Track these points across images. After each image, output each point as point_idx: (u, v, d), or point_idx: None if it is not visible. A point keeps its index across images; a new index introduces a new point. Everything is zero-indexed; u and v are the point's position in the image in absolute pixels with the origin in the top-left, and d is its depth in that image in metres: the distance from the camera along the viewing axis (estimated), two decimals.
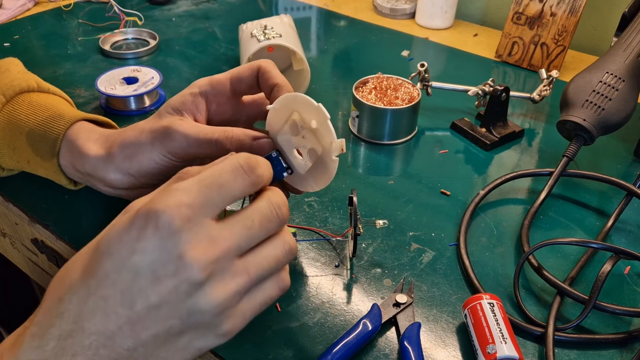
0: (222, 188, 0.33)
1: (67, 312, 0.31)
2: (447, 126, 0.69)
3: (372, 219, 0.51)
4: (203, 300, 0.32)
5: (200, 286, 0.32)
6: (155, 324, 0.32)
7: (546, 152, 0.65)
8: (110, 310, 0.31)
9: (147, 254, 0.31)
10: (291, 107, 0.41)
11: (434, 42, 0.92)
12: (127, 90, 0.69)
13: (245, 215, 0.34)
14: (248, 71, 0.45)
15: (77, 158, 0.48)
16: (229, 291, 0.33)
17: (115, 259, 0.31)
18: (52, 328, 0.31)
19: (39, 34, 0.90)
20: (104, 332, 0.31)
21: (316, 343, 0.42)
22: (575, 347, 0.43)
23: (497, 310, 0.41)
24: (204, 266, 0.31)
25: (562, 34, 0.79)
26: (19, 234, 0.60)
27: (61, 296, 0.32)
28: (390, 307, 0.44)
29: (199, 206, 0.32)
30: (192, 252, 0.31)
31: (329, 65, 0.84)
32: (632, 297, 0.47)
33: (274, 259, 0.35)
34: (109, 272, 0.31)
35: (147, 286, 0.31)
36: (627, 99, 0.56)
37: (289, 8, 1.04)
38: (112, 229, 0.33)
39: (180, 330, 0.33)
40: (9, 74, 0.53)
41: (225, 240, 0.32)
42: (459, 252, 0.50)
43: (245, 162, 0.34)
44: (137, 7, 0.99)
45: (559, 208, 0.57)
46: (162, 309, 0.31)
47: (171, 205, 0.31)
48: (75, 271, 0.33)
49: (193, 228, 0.31)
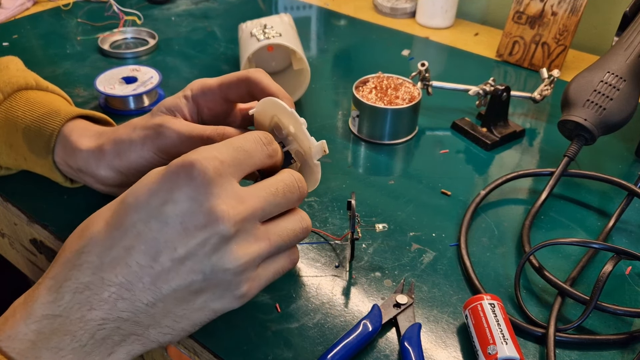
0: (247, 153, 0.35)
1: (86, 264, 0.31)
2: (447, 126, 0.69)
3: (371, 223, 0.51)
4: (228, 257, 0.32)
5: (227, 242, 0.32)
6: (177, 278, 0.32)
7: (547, 152, 0.65)
8: (133, 261, 0.31)
9: (178, 203, 0.31)
10: (271, 111, 0.42)
11: (434, 41, 0.91)
12: (126, 89, 0.69)
13: (270, 183, 0.36)
14: (236, 81, 0.44)
15: (70, 154, 0.48)
16: (252, 252, 0.33)
17: (143, 209, 0.31)
18: (69, 281, 0.31)
19: (38, 34, 0.90)
20: (124, 284, 0.31)
21: (316, 344, 0.42)
22: (577, 347, 0.43)
23: (498, 311, 0.41)
24: (233, 222, 0.32)
25: (563, 33, 0.79)
26: (18, 234, 0.59)
27: (79, 248, 0.32)
28: (390, 307, 0.44)
29: (228, 164, 0.33)
30: (223, 206, 0.32)
31: (329, 65, 0.84)
32: (633, 297, 0.47)
33: (292, 232, 0.37)
34: (136, 222, 0.31)
35: (174, 237, 0.31)
36: (628, 99, 0.56)
37: (288, 7, 1.03)
38: (138, 184, 0.33)
39: (201, 288, 0.33)
40: (7, 72, 0.53)
41: (252, 201, 0.34)
42: (460, 253, 0.50)
43: (263, 135, 0.37)
44: (137, 7, 0.98)
45: (560, 208, 0.56)
46: (187, 262, 0.32)
47: (205, 157, 0.32)
48: (97, 224, 0.33)
49: (224, 183, 0.32)
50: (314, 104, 0.73)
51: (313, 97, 0.75)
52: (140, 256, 0.31)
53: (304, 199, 0.53)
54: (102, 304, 0.31)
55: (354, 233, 0.46)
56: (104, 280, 0.31)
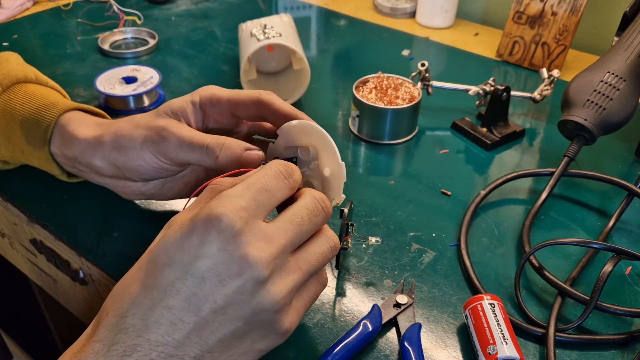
0: (268, 192, 0.35)
1: (131, 327, 0.31)
2: (447, 126, 0.69)
3: (367, 235, 0.50)
4: (267, 298, 0.33)
5: (264, 284, 0.33)
6: (222, 327, 0.32)
7: (547, 152, 0.65)
8: (177, 319, 0.31)
9: (210, 257, 0.32)
10: (313, 139, 0.41)
11: (434, 41, 0.91)
12: (126, 89, 0.69)
13: (294, 213, 0.35)
14: (247, 100, 0.44)
15: (66, 142, 0.47)
16: (287, 287, 0.34)
17: (178, 267, 0.32)
18: (116, 345, 0.31)
19: (38, 34, 0.90)
20: (171, 343, 0.31)
21: (316, 344, 0.42)
22: (577, 347, 0.43)
23: (498, 311, 0.41)
24: (266, 264, 0.32)
25: (563, 33, 0.79)
26: (18, 234, 0.59)
27: (123, 312, 0.32)
28: (390, 307, 0.44)
29: (253, 209, 0.34)
30: (254, 252, 0.32)
31: (329, 65, 0.84)
32: (633, 297, 0.47)
33: (321, 255, 0.37)
34: (173, 281, 0.32)
35: (212, 289, 0.32)
36: (628, 99, 0.56)
37: (288, 7, 1.03)
38: (166, 240, 0.33)
39: (245, 332, 0.33)
40: (7, 64, 0.53)
41: (280, 237, 0.34)
42: (460, 253, 0.50)
43: (284, 168, 0.36)
44: (137, 7, 0.98)
45: (560, 208, 0.56)
46: (228, 310, 0.32)
47: (231, 209, 0.32)
48: (134, 286, 0.33)
49: (252, 229, 0.33)
50: (314, 104, 0.73)
51: (313, 97, 0.75)
52: (183, 313, 0.31)
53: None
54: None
55: (341, 242, 0.45)
56: (150, 342, 0.31)
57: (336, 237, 0.38)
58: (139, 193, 0.48)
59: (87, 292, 0.55)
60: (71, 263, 0.53)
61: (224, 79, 0.78)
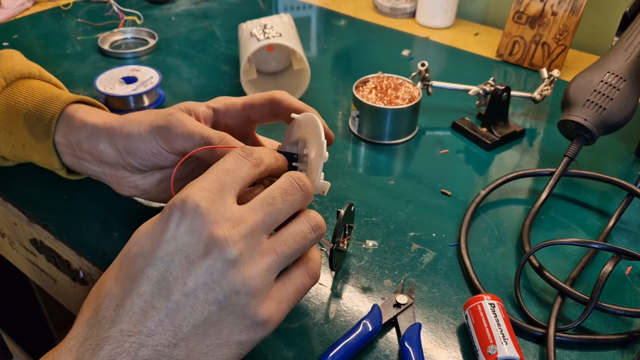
0: (230, 171, 0.35)
1: (104, 320, 0.31)
2: (447, 126, 0.69)
3: (366, 237, 0.49)
4: (237, 278, 0.32)
5: (234, 265, 0.32)
6: (194, 312, 0.32)
7: (547, 152, 0.65)
8: (149, 306, 0.31)
9: (177, 239, 0.32)
10: (306, 127, 0.42)
11: (434, 41, 0.91)
12: (126, 89, 0.69)
13: (266, 193, 0.35)
14: (261, 100, 0.45)
15: (73, 129, 0.48)
16: (260, 269, 0.33)
17: (148, 254, 0.32)
18: (89, 339, 0.31)
19: (37, 34, 0.90)
20: (144, 331, 0.31)
21: (316, 344, 0.42)
22: (577, 347, 0.43)
23: (498, 311, 0.41)
24: (233, 242, 0.32)
25: (563, 33, 0.79)
26: (18, 234, 0.59)
27: (96, 307, 0.32)
28: (390, 307, 0.44)
29: (217, 189, 0.34)
30: (219, 231, 0.32)
31: (329, 65, 0.84)
32: (633, 297, 0.47)
33: (299, 235, 0.36)
34: (144, 268, 0.32)
35: (182, 271, 0.32)
36: (628, 99, 0.56)
37: (288, 7, 1.03)
38: (137, 232, 0.34)
39: (219, 318, 0.33)
40: (11, 60, 0.54)
41: (249, 217, 0.34)
42: (460, 253, 0.50)
43: (240, 149, 0.37)
44: (137, 7, 0.98)
45: (560, 208, 0.56)
46: (199, 293, 0.32)
47: (193, 190, 0.33)
48: (109, 280, 0.33)
49: (218, 209, 0.33)
50: (314, 104, 0.72)
51: (313, 97, 0.75)
52: (154, 299, 0.31)
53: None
54: (124, 355, 0.30)
55: (336, 244, 0.45)
56: (122, 332, 0.31)
57: (320, 217, 0.37)
58: (134, 186, 0.48)
59: (87, 292, 0.55)
60: (71, 263, 0.53)
61: (224, 79, 0.78)
